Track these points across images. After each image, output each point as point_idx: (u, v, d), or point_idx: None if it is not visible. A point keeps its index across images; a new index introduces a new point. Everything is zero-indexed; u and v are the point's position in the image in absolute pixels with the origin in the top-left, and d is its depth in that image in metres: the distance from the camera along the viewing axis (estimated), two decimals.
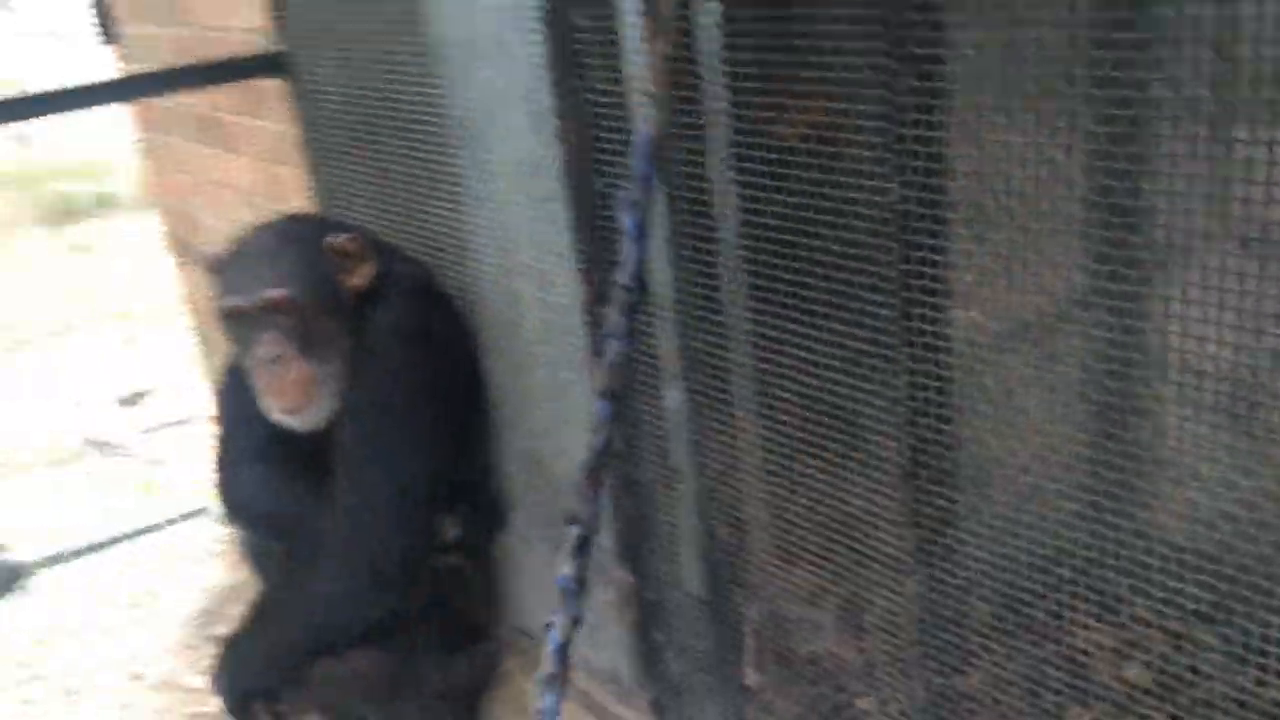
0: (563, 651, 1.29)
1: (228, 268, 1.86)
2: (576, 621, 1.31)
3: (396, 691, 1.82)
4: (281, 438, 1.88)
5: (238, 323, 1.83)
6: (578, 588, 1.31)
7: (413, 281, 1.88)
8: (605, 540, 1.80)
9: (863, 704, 1.47)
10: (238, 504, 2.04)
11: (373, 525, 1.77)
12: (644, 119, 1.32)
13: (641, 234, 1.26)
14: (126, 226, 6.75)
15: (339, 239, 1.84)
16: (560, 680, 1.30)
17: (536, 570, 2.04)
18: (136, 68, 2.85)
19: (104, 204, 7.47)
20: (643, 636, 1.82)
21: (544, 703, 1.27)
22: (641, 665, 1.84)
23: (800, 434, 1.41)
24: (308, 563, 1.85)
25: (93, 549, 3.37)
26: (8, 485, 3.91)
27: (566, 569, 1.31)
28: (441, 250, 1.98)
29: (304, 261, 1.81)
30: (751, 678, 1.63)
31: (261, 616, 1.93)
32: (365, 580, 1.77)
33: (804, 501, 1.43)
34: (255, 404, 1.85)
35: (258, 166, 2.54)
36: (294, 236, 1.86)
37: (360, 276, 1.84)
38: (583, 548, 1.32)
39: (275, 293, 1.79)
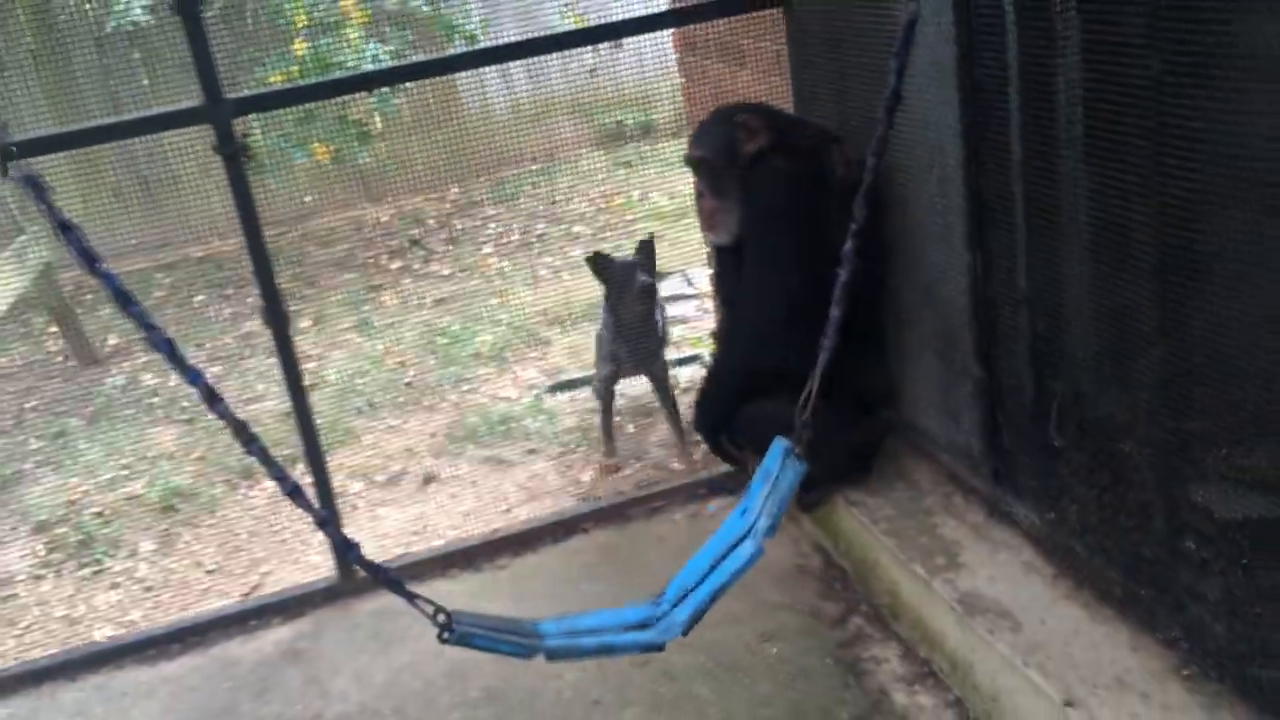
0: None
1: (691, 136, 2.84)
2: None
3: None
4: (737, 257, 2.77)
5: (691, 171, 2.82)
6: None
7: (796, 150, 2.65)
8: (966, 344, 2.45)
9: (1124, 447, 2.01)
10: (715, 292, 3.05)
11: (758, 305, 2.62)
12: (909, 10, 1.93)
13: (901, 75, 1.91)
14: (661, 147, 8.08)
15: (741, 118, 2.69)
16: None
17: (924, 376, 2.72)
18: (681, 4, 3.84)
19: (646, 130, 8.84)
20: (988, 418, 2.44)
21: None
22: (986, 442, 2.47)
23: (1092, 247, 1.98)
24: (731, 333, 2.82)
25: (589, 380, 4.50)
26: (556, 331, 5.22)
27: None
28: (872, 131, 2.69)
29: (718, 133, 2.72)
30: (1057, 440, 2.21)
31: (711, 374, 2.87)
32: (755, 339, 2.67)
33: (1093, 300, 2.00)
34: None
35: (758, 77, 3.40)
36: (721, 117, 2.78)
37: (754, 145, 2.68)
38: None
39: (696, 152, 2.76)
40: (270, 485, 4.14)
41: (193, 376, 1.92)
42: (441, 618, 2.07)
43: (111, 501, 4.21)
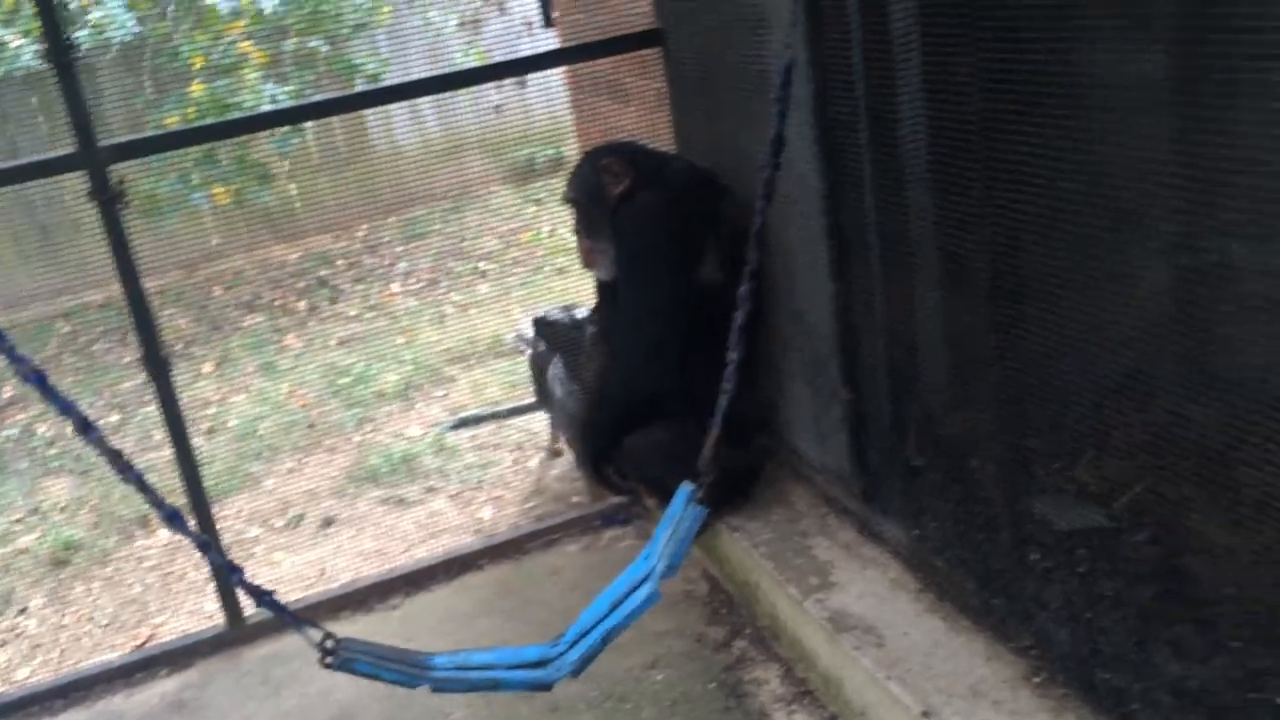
0: None
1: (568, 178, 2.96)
2: None
3: (685, 461, 2.66)
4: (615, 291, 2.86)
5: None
6: None
7: (659, 188, 2.76)
8: (833, 368, 2.53)
9: (973, 464, 2.10)
10: (595, 325, 3.16)
11: (629, 339, 2.73)
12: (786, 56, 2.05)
13: (784, 117, 2.04)
14: None
15: (605, 161, 2.80)
16: None
17: (798, 400, 2.80)
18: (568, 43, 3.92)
19: (555, 164, 8.89)
20: (856, 440, 2.53)
21: None
22: (855, 463, 2.55)
23: (938, 275, 2.07)
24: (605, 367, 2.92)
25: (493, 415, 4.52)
26: (461, 368, 5.23)
27: None
28: (744, 165, 2.79)
29: (586, 176, 2.85)
30: (915, 459, 2.30)
31: (589, 407, 2.94)
32: (628, 371, 2.75)
33: (941, 325, 2.09)
34: None
35: (642, 115, 3.48)
36: (589, 160, 2.89)
37: (618, 186, 2.79)
38: None
39: (570, 194, 2.89)
40: (165, 535, 4.11)
41: (64, 406, 1.92)
42: (329, 643, 2.07)
43: (2, 556, 4.12)
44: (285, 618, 2.11)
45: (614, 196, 2.78)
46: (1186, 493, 1.64)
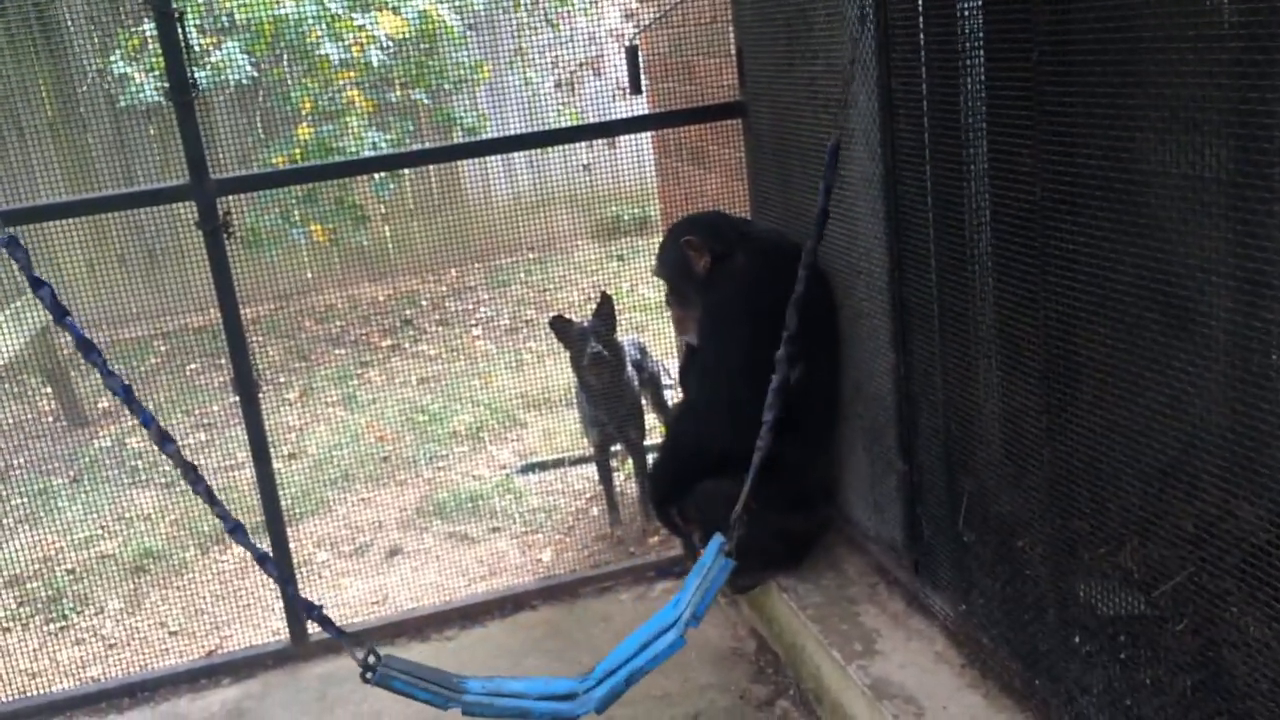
0: None
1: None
2: None
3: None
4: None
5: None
6: None
7: (741, 263, 2.86)
8: (890, 440, 2.58)
9: (1020, 544, 2.13)
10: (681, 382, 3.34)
11: (705, 392, 2.87)
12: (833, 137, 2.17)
13: (828, 193, 2.18)
14: (655, 242, 8.28)
15: (686, 238, 2.92)
16: None
17: (856, 469, 2.84)
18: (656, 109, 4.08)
19: (641, 224, 9.07)
20: (910, 512, 2.56)
21: None
22: (908, 534, 2.59)
23: (994, 354, 2.12)
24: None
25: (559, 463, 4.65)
26: (534, 415, 5.36)
27: None
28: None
29: (672, 254, 2.98)
30: (966, 535, 2.33)
31: (663, 451, 3.03)
32: (701, 422, 2.87)
33: (995, 403, 2.14)
34: None
35: (722, 181, 3.59)
36: (672, 238, 3.03)
37: (700, 264, 2.90)
38: None
39: (659, 272, 3.06)
40: (239, 551, 4.27)
41: (145, 418, 2.12)
42: (372, 659, 2.19)
43: (85, 559, 4.31)
44: (331, 632, 2.23)
45: (699, 270, 2.91)
46: (1227, 585, 1.66)
